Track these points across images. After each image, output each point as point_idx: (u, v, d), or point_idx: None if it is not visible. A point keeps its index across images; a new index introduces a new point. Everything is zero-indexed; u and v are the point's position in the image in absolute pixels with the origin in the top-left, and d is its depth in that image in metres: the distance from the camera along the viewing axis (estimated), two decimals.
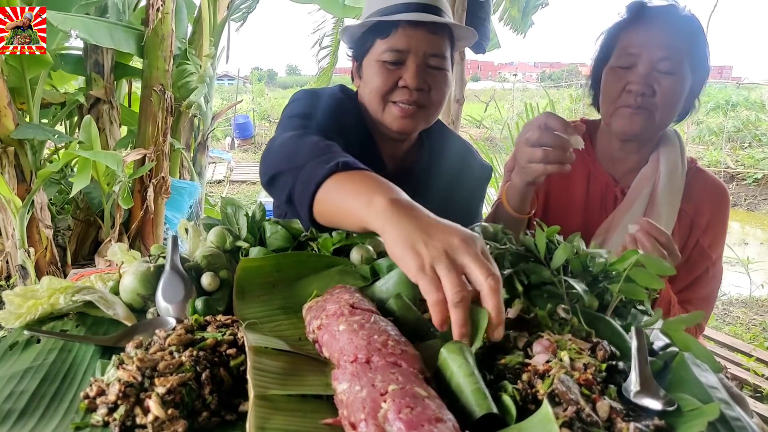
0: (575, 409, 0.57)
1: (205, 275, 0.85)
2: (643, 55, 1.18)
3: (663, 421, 0.58)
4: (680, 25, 1.21)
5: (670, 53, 1.17)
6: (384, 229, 0.72)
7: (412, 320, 0.78)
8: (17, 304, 0.80)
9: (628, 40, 1.22)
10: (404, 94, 1.22)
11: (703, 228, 1.27)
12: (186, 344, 0.67)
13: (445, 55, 1.26)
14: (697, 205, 1.28)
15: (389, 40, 1.22)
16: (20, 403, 0.62)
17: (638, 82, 1.18)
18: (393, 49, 1.21)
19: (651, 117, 1.21)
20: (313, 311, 0.75)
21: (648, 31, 1.20)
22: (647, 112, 1.20)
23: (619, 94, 1.22)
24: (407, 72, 1.21)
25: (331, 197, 0.86)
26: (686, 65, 1.20)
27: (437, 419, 0.51)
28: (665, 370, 0.70)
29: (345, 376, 0.59)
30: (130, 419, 0.58)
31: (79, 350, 0.73)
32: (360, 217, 0.77)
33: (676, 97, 1.20)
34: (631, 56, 1.20)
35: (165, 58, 3.80)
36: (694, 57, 1.22)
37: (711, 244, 1.28)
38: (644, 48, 1.18)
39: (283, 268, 0.90)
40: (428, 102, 1.25)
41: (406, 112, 1.23)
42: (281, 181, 1.01)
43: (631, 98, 1.19)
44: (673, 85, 1.18)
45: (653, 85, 1.18)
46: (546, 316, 0.77)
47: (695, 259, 1.27)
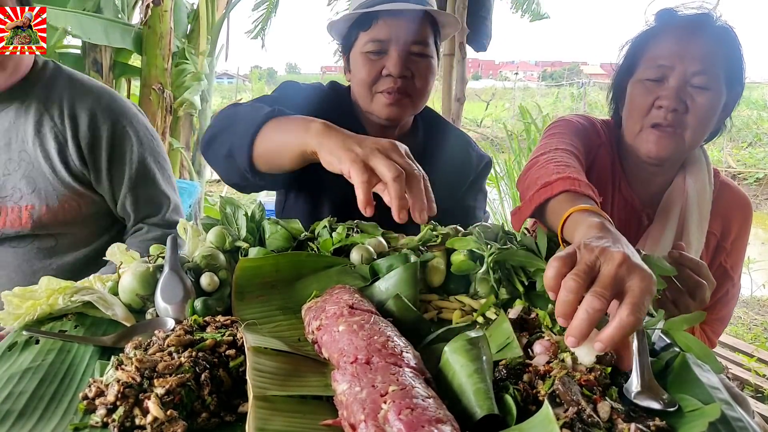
0: (576, 410, 0.57)
1: (204, 275, 0.85)
2: (677, 67, 1.08)
3: (664, 422, 0.58)
4: (716, 37, 1.10)
5: (706, 67, 1.07)
6: (321, 143, 0.81)
7: (411, 320, 0.78)
8: (16, 305, 0.80)
9: (659, 50, 1.12)
10: (389, 83, 1.25)
11: (728, 246, 1.20)
12: (185, 345, 0.67)
13: (428, 41, 1.28)
14: (724, 224, 1.20)
15: (371, 32, 1.25)
16: (19, 404, 0.61)
17: (670, 97, 1.07)
18: (375, 40, 1.25)
19: (681, 138, 1.10)
20: (313, 312, 0.75)
21: (681, 41, 1.09)
22: (677, 133, 1.10)
23: (648, 110, 1.11)
24: (390, 60, 1.24)
25: (269, 136, 0.93)
26: (722, 81, 1.10)
27: (437, 420, 0.50)
28: (666, 371, 0.70)
29: (345, 376, 0.59)
30: (129, 420, 0.58)
31: (77, 351, 0.73)
32: (298, 143, 0.85)
33: (710, 115, 1.10)
34: (662, 68, 1.10)
35: (164, 57, 3.79)
36: (730, 72, 1.11)
37: (733, 265, 1.21)
38: (677, 60, 1.08)
39: (283, 269, 0.89)
40: (413, 89, 1.27)
41: (391, 99, 1.25)
42: (220, 139, 1.05)
43: (661, 115, 1.09)
44: (708, 102, 1.08)
45: (686, 101, 1.08)
46: (547, 316, 0.77)
47: (717, 279, 1.11)
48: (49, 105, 1.29)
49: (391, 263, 0.89)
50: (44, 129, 1.28)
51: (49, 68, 1.34)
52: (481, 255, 0.92)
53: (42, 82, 1.32)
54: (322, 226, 1.02)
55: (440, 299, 0.91)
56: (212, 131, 1.09)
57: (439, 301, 0.91)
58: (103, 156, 1.31)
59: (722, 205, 1.20)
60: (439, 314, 0.88)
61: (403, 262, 0.88)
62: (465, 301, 0.90)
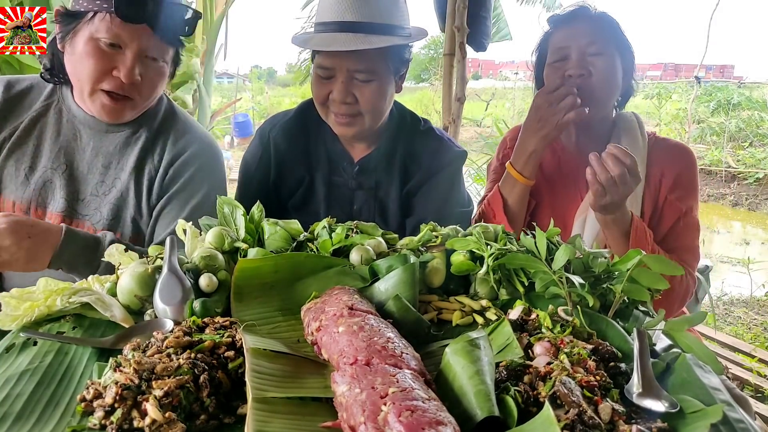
0: (577, 412, 0.56)
1: (203, 276, 0.84)
2: (572, 45, 1.35)
3: (666, 423, 0.58)
4: (597, 18, 1.40)
5: (595, 38, 1.34)
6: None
7: (411, 321, 0.78)
8: (14, 306, 0.79)
9: (557, 40, 1.40)
10: (335, 106, 1.32)
11: (671, 185, 1.40)
12: (184, 346, 0.66)
13: (373, 69, 1.29)
14: (662, 166, 1.42)
15: (318, 58, 1.31)
16: (16, 407, 0.61)
17: (574, 67, 1.34)
18: (322, 66, 1.30)
19: (591, 91, 1.34)
20: (312, 313, 0.75)
21: (571, 26, 1.39)
22: (589, 90, 1.33)
23: (561, 81, 1.36)
24: (335, 86, 1.29)
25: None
26: (612, 46, 1.36)
27: (437, 422, 0.50)
28: (668, 372, 0.69)
29: (345, 378, 0.58)
30: (128, 422, 0.58)
31: (75, 352, 0.73)
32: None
33: (611, 74, 1.36)
34: (563, 50, 1.37)
35: None
36: (617, 41, 1.38)
37: (680, 197, 1.40)
38: (572, 40, 1.36)
39: (282, 269, 0.89)
40: (358, 112, 1.32)
41: (342, 120, 1.33)
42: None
43: (572, 83, 1.33)
44: (606, 63, 1.34)
45: (588, 68, 1.33)
46: (547, 317, 0.77)
47: (666, 212, 1.40)
48: (156, 145, 1.30)
49: (390, 264, 0.88)
50: (145, 166, 1.29)
51: (163, 103, 1.36)
52: (481, 255, 0.91)
53: (156, 116, 1.33)
54: (322, 226, 1.01)
55: (440, 300, 0.91)
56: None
57: (439, 301, 0.91)
58: (172, 191, 1.29)
59: (658, 152, 1.44)
60: (439, 315, 0.88)
61: (403, 263, 0.87)
62: (465, 301, 0.90)
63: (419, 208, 1.41)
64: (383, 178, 1.42)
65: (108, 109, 1.22)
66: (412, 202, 1.42)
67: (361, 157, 1.43)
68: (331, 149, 1.44)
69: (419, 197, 1.42)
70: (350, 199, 1.43)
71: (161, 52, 1.23)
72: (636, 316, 0.88)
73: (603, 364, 0.67)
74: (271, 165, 1.44)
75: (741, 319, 3.87)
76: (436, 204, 1.40)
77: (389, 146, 1.42)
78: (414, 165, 1.42)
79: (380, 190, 1.43)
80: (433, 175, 1.42)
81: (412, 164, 1.42)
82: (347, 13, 1.26)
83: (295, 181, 1.44)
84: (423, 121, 1.49)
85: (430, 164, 1.42)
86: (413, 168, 1.42)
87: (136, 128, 1.30)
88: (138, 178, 1.28)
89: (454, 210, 1.42)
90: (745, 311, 4.00)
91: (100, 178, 1.28)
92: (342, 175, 1.43)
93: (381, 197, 1.43)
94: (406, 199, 1.42)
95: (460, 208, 1.45)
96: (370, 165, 1.42)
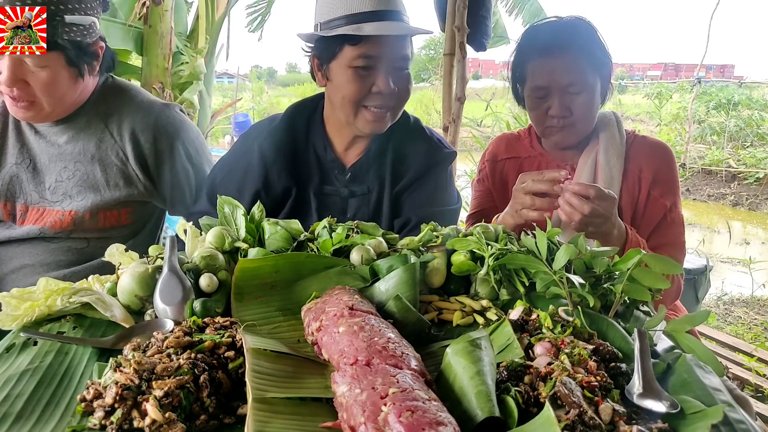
0: (578, 412, 0.56)
1: (204, 276, 0.84)
2: (552, 86, 1.36)
3: (666, 424, 0.58)
4: (571, 36, 1.38)
5: (575, 77, 1.35)
6: None
7: (411, 322, 0.78)
8: (14, 306, 0.79)
9: (536, 75, 1.39)
10: (378, 99, 1.27)
11: (651, 181, 1.42)
12: (184, 346, 0.66)
13: (408, 55, 1.30)
14: (640, 162, 1.44)
15: (360, 48, 1.24)
16: (16, 406, 0.61)
17: (556, 107, 1.37)
18: (365, 56, 1.24)
19: (574, 130, 1.41)
20: (313, 313, 0.75)
21: (549, 61, 1.37)
22: (571, 128, 1.40)
23: (544, 118, 1.41)
24: (380, 78, 1.25)
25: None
26: (592, 74, 1.37)
27: (438, 423, 0.50)
28: (668, 372, 0.69)
29: (345, 378, 0.58)
30: (128, 423, 0.58)
31: (76, 352, 0.73)
32: None
33: (590, 107, 1.40)
34: (543, 89, 1.38)
35: (164, 56, 3.79)
36: (595, 54, 1.38)
37: (663, 193, 1.42)
38: (552, 80, 1.36)
39: (282, 269, 0.89)
40: (397, 102, 1.31)
41: (378, 116, 1.29)
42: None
43: (554, 122, 1.39)
44: (586, 99, 1.37)
45: (569, 107, 1.37)
46: (548, 317, 0.76)
47: (650, 208, 1.41)
48: (109, 122, 1.36)
49: (391, 264, 0.88)
50: (105, 145, 1.35)
51: (97, 87, 1.38)
52: (482, 256, 0.91)
53: (99, 97, 1.37)
54: (322, 226, 1.01)
55: (441, 300, 0.91)
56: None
57: (440, 301, 0.90)
58: (166, 169, 1.39)
59: (637, 149, 1.47)
60: (440, 315, 0.88)
61: (403, 263, 0.87)
62: (466, 302, 0.90)
63: (406, 208, 1.39)
64: (374, 183, 1.40)
65: (15, 112, 1.29)
66: (400, 201, 1.40)
67: (352, 163, 1.40)
68: (322, 157, 1.39)
69: (406, 197, 1.40)
70: (343, 208, 1.39)
71: (39, 61, 1.22)
72: (637, 317, 0.87)
73: (604, 365, 0.67)
74: (256, 177, 1.38)
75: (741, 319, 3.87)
76: (423, 204, 1.38)
77: (379, 148, 1.40)
78: (403, 166, 1.40)
79: (372, 195, 1.40)
80: (422, 175, 1.40)
81: (401, 165, 1.40)
82: (389, 2, 1.26)
83: (283, 193, 1.38)
84: (413, 119, 1.47)
85: (418, 165, 1.40)
86: (402, 169, 1.40)
87: (83, 114, 1.34)
88: (103, 160, 1.34)
89: (443, 209, 1.41)
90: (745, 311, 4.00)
91: (61, 165, 1.34)
92: (334, 183, 1.40)
93: (373, 201, 1.40)
94: (396, 200, 1.41)
95: (448, 207, 1.44)
96: (362, 170, 1.39)
